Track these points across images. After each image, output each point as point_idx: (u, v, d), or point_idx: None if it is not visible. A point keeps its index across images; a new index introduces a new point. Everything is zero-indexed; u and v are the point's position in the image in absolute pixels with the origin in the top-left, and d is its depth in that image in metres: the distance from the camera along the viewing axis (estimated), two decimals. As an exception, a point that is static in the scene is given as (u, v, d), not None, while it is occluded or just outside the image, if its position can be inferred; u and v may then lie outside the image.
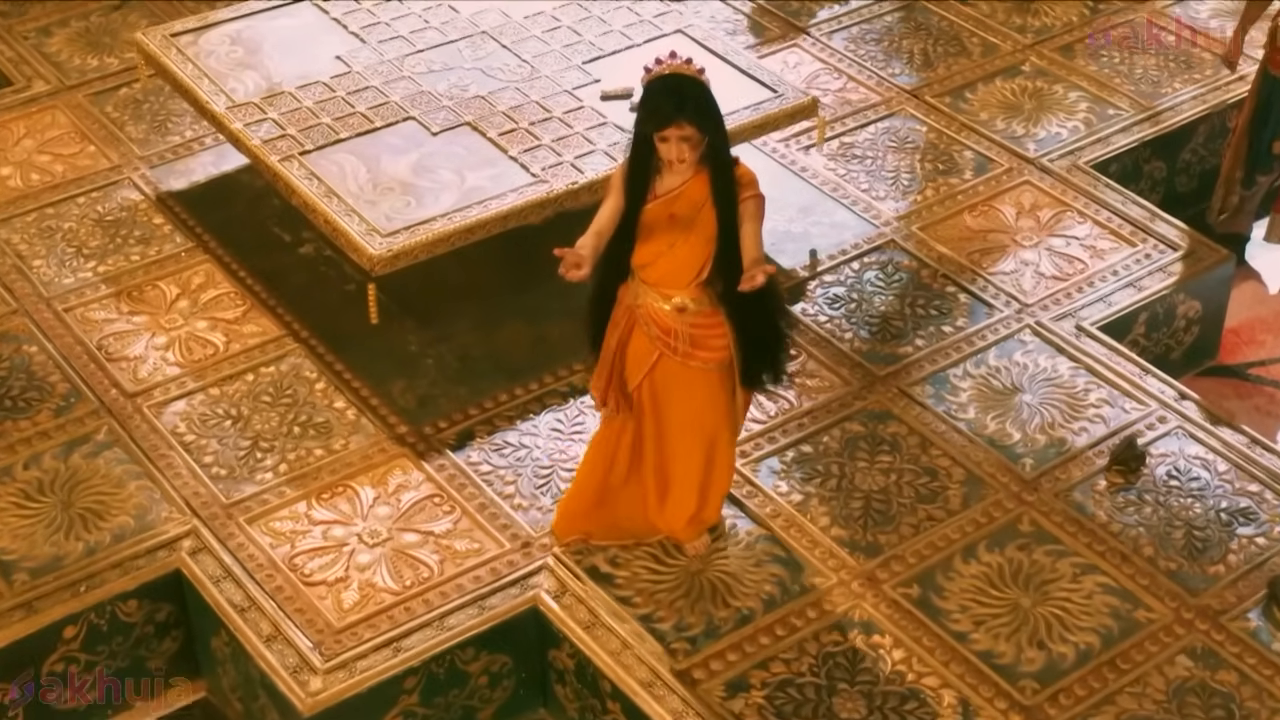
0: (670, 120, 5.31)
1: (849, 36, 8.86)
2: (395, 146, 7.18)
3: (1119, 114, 8.30)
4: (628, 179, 5.51)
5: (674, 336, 5.64)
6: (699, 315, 5.62)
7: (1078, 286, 7.31)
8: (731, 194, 5.44)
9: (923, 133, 8.19)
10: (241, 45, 7.75)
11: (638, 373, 5.76)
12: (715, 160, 5.43)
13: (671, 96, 5.32)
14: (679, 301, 5.60)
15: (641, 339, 5.71)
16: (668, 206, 5.49)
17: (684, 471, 5.93)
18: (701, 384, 5.76)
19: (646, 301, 5.64)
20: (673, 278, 5.57)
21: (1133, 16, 9.03)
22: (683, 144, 5.34)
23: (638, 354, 5.74)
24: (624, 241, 5.57)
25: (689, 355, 5.67)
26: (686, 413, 5.81)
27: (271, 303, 7.20)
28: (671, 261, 5.54)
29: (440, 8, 8.02)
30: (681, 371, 5.72)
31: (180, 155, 8.00)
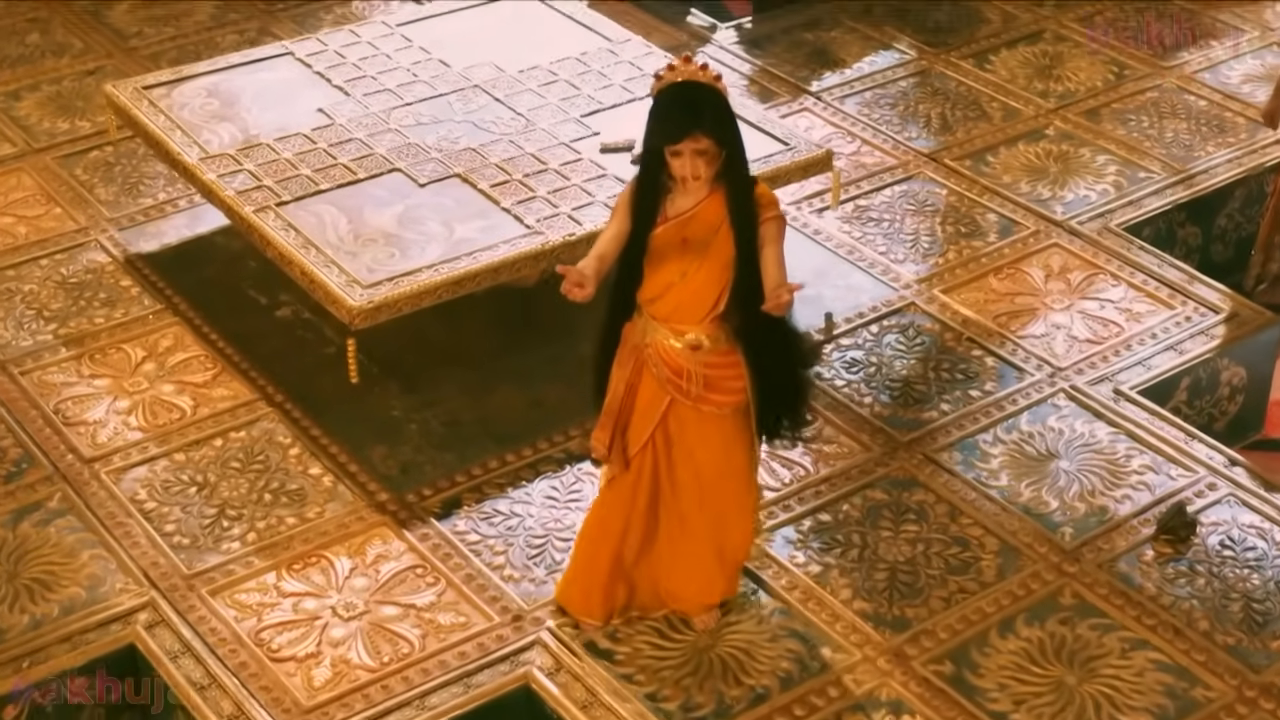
0: (685, 132, 4.81)
1: (861, 101, 8.40)
2: (379, 198, 6.69)
3: (1150, 177, 7.82)
4: (635, 199, 5.00)
5: (686, 378, 5.11)
6: (714, 354, 5.10)
7: (1114, 350, 6.78)
8: (751, 215, 4.94)
9: (942, 195, 7.70)
10: (218, 98, 7.28)
11: (647, 423, 5.22)
12: (733, 178, 4.93)
13: (686, 106, 4.82)
14: (693, 338, 5.07)
15: (650, 383, 5.18)
16: (680, 230, 4.98)
17: (698, 533, 5.37)
18: (716, 432, 5.22)
19: (656, 339, 5.11)
20: (686, 311, 5.05)
21: (1160, 82, 8.57)
22: (698, 159, 4.83)
23: (647, 401, 5.20)
24: (631, 271, 5.07)
25: (701, 399, 5.14)
26: (702, 464, 5.26)
27: (244, 366, 6.67)
28: (684, 293, 5.02)
29: (430, 62, 7.56)
30: (695, 419, 5.19)
31: (152, 218, 7.51)
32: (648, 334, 5.12)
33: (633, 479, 5.31)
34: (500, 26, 7.83)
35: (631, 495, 5.33)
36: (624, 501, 5.34)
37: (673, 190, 4.98)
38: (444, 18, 7.97)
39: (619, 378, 5.20)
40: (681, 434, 5.23)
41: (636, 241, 5.00)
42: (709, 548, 5.40)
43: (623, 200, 5.06)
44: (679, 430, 5.23)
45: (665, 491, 5.33)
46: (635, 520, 5.37)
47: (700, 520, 5.34)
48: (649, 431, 5.22)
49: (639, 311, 5.13)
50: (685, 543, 5.38)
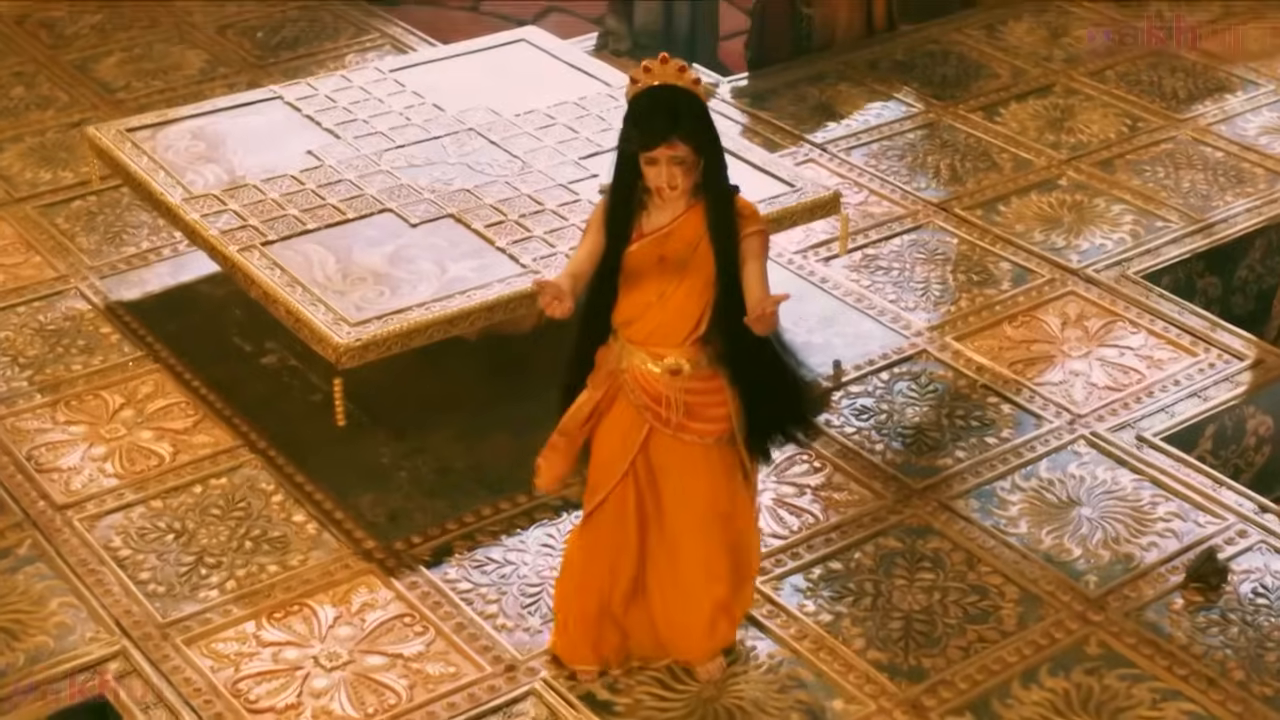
0: (661, 138, 4.51)
1: (868, 152, 8.16)
2: (369, 238, 6.42)
3: (1167, 226, 7.56)
4: (609, 214, 4.71)
5: (666, 405, 4.79)
6: (696, 379, 4.79)
7: (1135, 397, 6.50)
8: (731, 229, 4.64)
9: (953, 244, 7.44)
10: (203, 140, 7.03)
11: (624, 454, 4.88)
12: (712, 189, 4.64)
13: (662, 111, 4.52)
14: (672, 362, 4.76)
15: (627, 411, 4.85)
16: (657, 247, 4.68)
17: (692, 574, 5.03)
18: (701, 464, 4.89)
19: (633, 364, 4.80)
20: (664, 334, 4.74)
21: (1175, 133, 8.33)
22: (674, 167, 4.54)
23: (624, 430, 4.86)
24: (605, 292, 4.75)
25: (682, 428, 4.82)
26: (687, 498, 4.92)
27: (227, 413, 6.38)
28: (663, 314, 4.72)
29: (423, 106, 7.32)
30: (676, 449, 4.86)
31: (134, 266, 7.24)
32: (624, 358, 4.80)
33: (614, 514, 4.96)
34: (496, 72, 7.60)
35: (615, 532, 4.97)
36: (607, 539, 4.99)
37: (648, 205, 4.68)
38: (438, 64, 7.75)
39: (588, 399, 4.87)
40: (664, 465, 4.89)
41: (610, 260, 4.70)
42: (705, 591, 5.05)
43: (595, 216, 4.76)
44: (662, 461, 4.89)
45: (652, 527, 4.98)
46: (622, 559, 5.01)
47: (693, 560, 4.99)
48: (626, 462, 4.87)
49: (614, 335, 4.82)
50: (679, 585, 5.03)
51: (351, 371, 5.98)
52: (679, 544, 4.98)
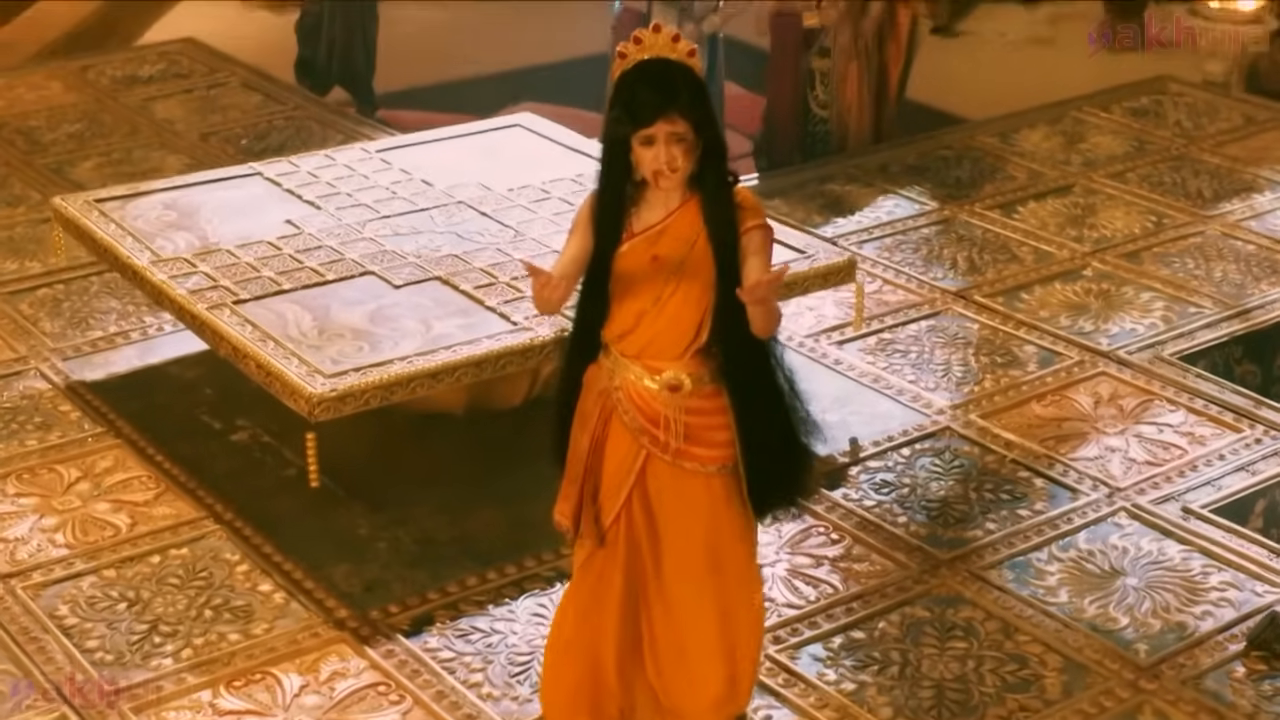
0: (659, 113, 4.00)
1: (881, 246, 7.73)
2: (349, 298, 5.97)
3: (1201, 311, 7.11)
4: (597, 210, 4.18)
5: (664, 427, 4.21)
6: (697, 397, 4.21)
7: (1178, 471, 5.99)
8: (731, 222, 4.11)
9: (974, 329, 6.98)
10: (175, 210, 6.62)
11: (620, 486, 4.28)
12: (711, 179, 4.10)
13: (658, 83, 4.02)
14: (671, 377, 4.19)
15: (621, 436, 4.27)
16: (650, 245, 4.13)
17: (698, 628, 4.40)
18: (702, 495, 4.28)
19: (627, 381, 4.22)
20: (661, 344, 4.18)
21: (1203, 229, 7.91)
22: (675, 146, 4.01)
23: (619, 458, 4.28)
24: (594, 301, 4.21)
25: (682, 453, 4.23)
26: (688, 538, 4.31)
27: (191, 485, 5.88)
28: (658, 321, 4.16)
29: (410, 181, 6.91)
30: (675, 480, 4.26)
31: (100, 349, 6.78)
32: (616, 375, 4.23)
33: (606, 558, 4.35)
34: (488, 153, 7.21)
35: (607, 578, 4.37)
36: (600, 587, 4.39)
37: (638, 202, 4.15)
38: (428, 145, 7.36)
39: (581, 431, 4.30)
40: (661, 498, 4.30)
41: (600, 263, 4.16)
42: (712, 647, 4.41)
43: (581, 216, 4.23)
44: (659, 493, 4.30)
45: (648, 572, 4.36)
46: (614, 609, 4.39)
47: (695, 610, 4.37)
48: (623, 495, 4.28)
49: (605, 351, 4.26)
50: (679, 641, 4.40)
51: (328, 439, 5.52)
52: (679, 596, 4.36)
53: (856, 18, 8.63)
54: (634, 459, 4.28)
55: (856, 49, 8.67)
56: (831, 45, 8.66)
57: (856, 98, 8.77)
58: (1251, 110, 9.44)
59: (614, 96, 4.09)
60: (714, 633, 4.41)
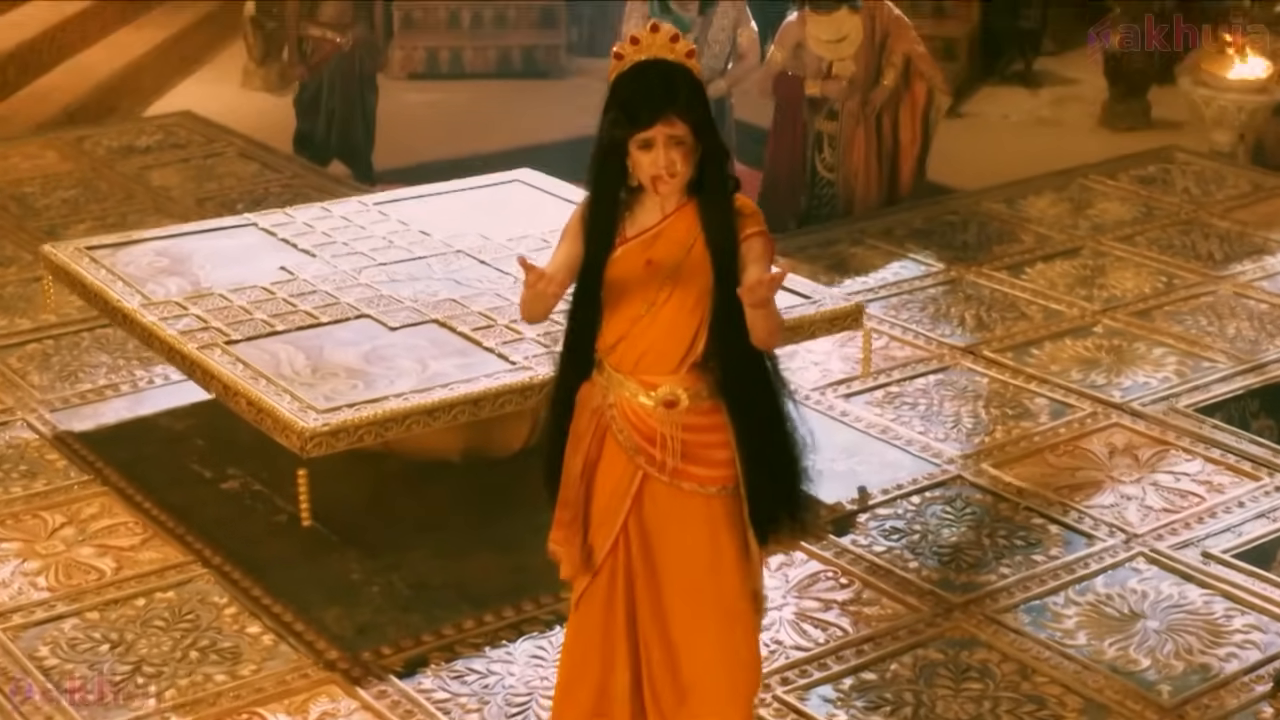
0: (658, 114, 3.85)
1: (886, 305, 7.59)
2: (343, 339, 5.83)
3: (1215, 366, 6.96)
4: (590, 216, 4.00)
5: (660, 445, 4.02)
6: (694, 413, 4.02)
7: (1197, 518, 5.82)
8: (730, 227, 3.93)
9: (983, 383, 6.82)
10: (168, 256, 6.48)
11: (616, 510, 4.09)
12: (710, 181, 3.94)
13: (657, 84, 3.87)
14: (667, 392, 4.00)
15: (616, 457, 4.08)
16: (644, 250, 3.96)
17: (699, 656, 4.16)
18: (702, 520, 4.08)
19: (621, 397, 4.03)
20: (656, 356, 4.00)
21: (1214, 288, 7.77)
22: (674, 150, 3.86)
23: (613, 480, 4.08)
24: (586, 311, 4.02)
25: (679, 473, 4.04)
26: (687, 566, 4.10)
27: (179, 531, 5.70)
28: (653, 330, 3.98)
29: (408, 231, 6.78)
30: (672, 502, 4.07)
31: (89, 400, 6.61)
32: (610, 392, 4.05)
33: (605, 590, 4.15)
34: (488, 206, 7.08)
35: (606, 612, 4.17)
36: (596, 626, 4.18)
37: (633, 207, 3.99)
38: (426, 198, 7.22)
39: (574, 454, 4.10)
40: (659, 523, 4.09)
41: (591, 271, 3.98)
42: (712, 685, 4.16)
43: (572, 222, 4.06)
44: (656, 518, 4.09)
45: (643, 607, 4.15)
46: (614, 651, 4.18)
47: (695, 645, 4.14)
48: (619, 520, 4.08)
49: (599, 368, 4.08)
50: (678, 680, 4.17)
51: (321, 485, 5.39)
52: (678, 632, 4.14)
53: (867, 86, 8.54)
54: (630, 481, 4.09)
55: (864, 114, 8.57)
56: (839, 109, 8.57)
57: (863, 163, 8.67)
58: (1260, 178, 9.34)
59: (610, 98, 3.95)
60: (714, 655, 4.17)
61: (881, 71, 8.56)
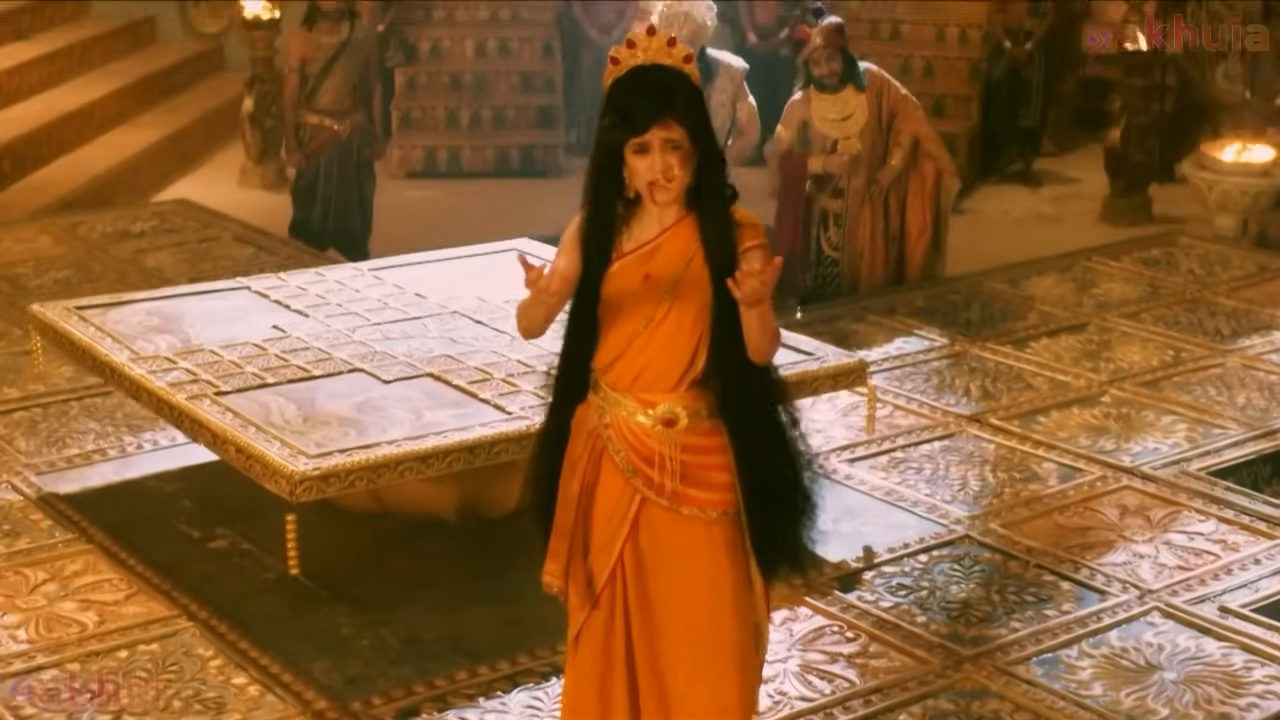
0: (654, 118, 3.75)
1: (890, 377, 7.46)
2: (336, 391, 5.70)
3: (1226, 433, 6.83)
4: (586, 229, 3.88)
5: (659, 466, 3.87)
6: (694, 433, 3.88)
7: (1213, 574, 5.67)
8: (729, 240, 3.82)
9: (990, 449, 6.68)
10: (159, 316, 6.36)
11: (613, 538, 3.93)
12: (708, 191, 3.84)
13: (653, 88, 3.78)
14: (666, 410, 3.87)
15: (613, 481, 3.93)
16: (642, 264, 3.85)
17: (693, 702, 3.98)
18: (702, 547, 3.91)
19: (618, 417, 3.90)
20: (654, 374, 3.87)
21: (1223, 361, 7.65)
22: (671, 155, 3.76)
23: (609, 505, 3.93)
24: (582, 328, 3.91)
25: (679, 496, 3.88)
26: (683, 598, 3.93)
27: (165, 587, 5.53)
28: (651, 347, 3.86)
29: (403, 294, 6.67)
30: (671, 528, 3.91)
31: (76, 465, 6.46)
32: (607, 411, 3.91)
33: (604, 625, 3.97)
34: (484, 272, 6.96)
35: (605, 651, 3.98)
36: (596, 662, 4.00)
37: (629, 220, 3.88)
38: (422, 265, 7.11)
39: (571, 478, 3.95)
40: (656, 550, 3.93)
41: (588, 286, 3.87)
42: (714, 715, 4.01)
43: (568, 237, 3.95)
44: (652, 546, 3.93)
45: (639, 646, 3.97)
46: (613, 688, 4.00)
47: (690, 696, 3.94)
48: (616, 547, 3.92)
49: (594, 388, 3.95)
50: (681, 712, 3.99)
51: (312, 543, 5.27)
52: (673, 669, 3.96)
53: (873, 165, 8.48)
54: (627, 505, 3.94)
55: (870, 194, 8.50)
56: (845, 187, 8.50)
57: (869, 242, 8.58)
58: (1265, 259, 9.25)
59: (606, 103, 3.85)
60: (712, 699, 3.98)
61: (888, 151, 8.50)
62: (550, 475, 4.04)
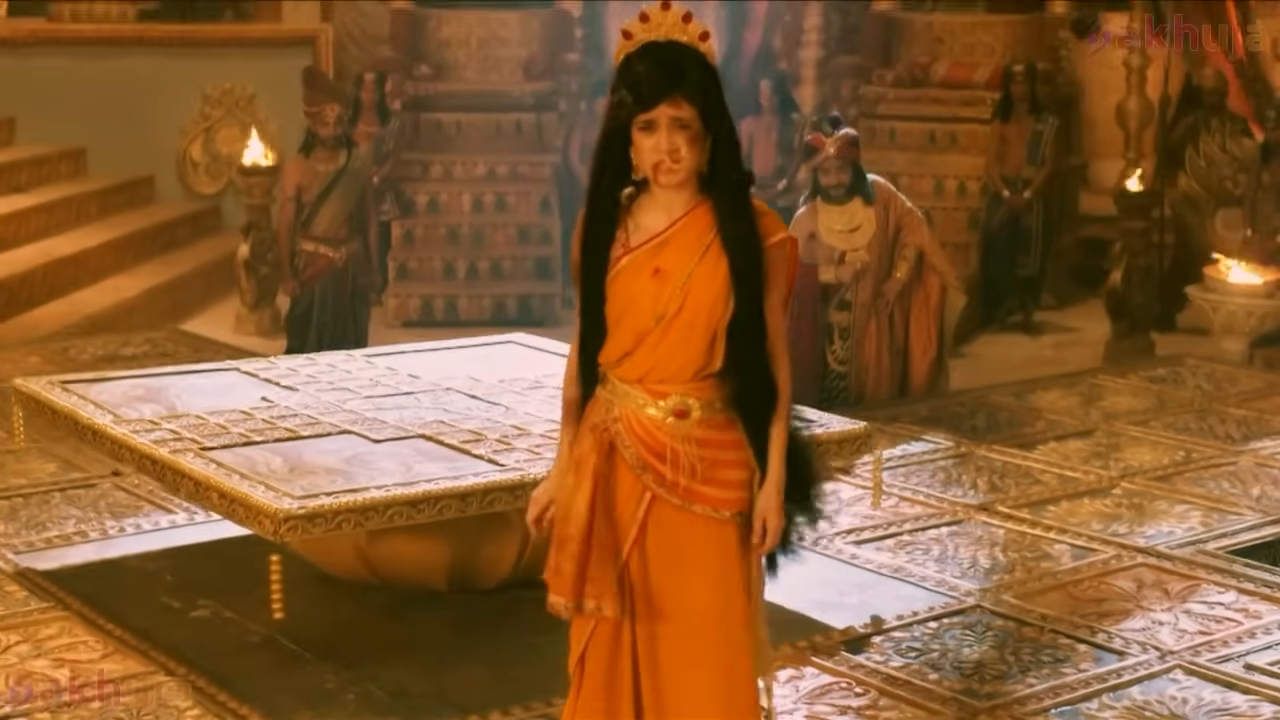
0: (662, 94, 3.59)
1: (894, 474, 7.25)
2: (324, 449, 5.51)
3: (1242, 519, 6.63)
4: (587, 216, 3.72)
5: (670, 460, 3.67)
6: (708, 426, 3.70)
7: (1236, 637, 5.44)
8: (750, 226, 3.67)
9: (1000, 533, 6.47)
10: (144, 388, 6.20)
11: (621, 539, 3.72)
12: (723, 175, 3.67)
13: (663, 64, 3.63)
14: (677, 402, 3.69)
15: (623, 478, 3.72)
16: (651, 258, 3.67)
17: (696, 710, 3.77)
18: (713, 550, 3.72)
19: (627, 410, 3.70)
20: (667, 366, 3.68)
21: (1235, 460, 7.47)
22: (677, 133, 3.60)
23: (618, 505, 3.73)
24: (589, 324, 3.72)
25: (692, 494, 3.69)
26: (690, 607, 3.72)
27: (143, 647, 5.30)
28: (663, 345, 3.67)
29: (396, 374, 6.50)
30: (682, 529, 3.70)
31: (55, 545, 6.25)
32: (615, 405, 3.72)
33: (610, 637, 3.75)
34: (480, 359, 6.82)
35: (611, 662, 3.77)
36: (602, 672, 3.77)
37: (634, 211, 3.71)
38: (415, 354, 6.96)
39: (578, 480, 3.72)
40: (663, 554, 3.72)
41: (592, 279, 3.70)
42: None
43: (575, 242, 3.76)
44: (661, 552, 3.72)
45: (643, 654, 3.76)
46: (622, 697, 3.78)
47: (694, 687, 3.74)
48: (624, 551, 3.72)
49: (603, 381, 3.76)
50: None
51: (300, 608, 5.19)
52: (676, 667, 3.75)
53: (879, 277, 8.38)
54: (637, 505, 3.74)
55: (876, 307, 8.39)
56: (852, 300, 8.39)
57: (875, 355, 8.45)
58: (1274, 378, 9.10)
59: (616, 80, 3.70)
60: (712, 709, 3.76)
61: (894, 264, 8.40)
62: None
